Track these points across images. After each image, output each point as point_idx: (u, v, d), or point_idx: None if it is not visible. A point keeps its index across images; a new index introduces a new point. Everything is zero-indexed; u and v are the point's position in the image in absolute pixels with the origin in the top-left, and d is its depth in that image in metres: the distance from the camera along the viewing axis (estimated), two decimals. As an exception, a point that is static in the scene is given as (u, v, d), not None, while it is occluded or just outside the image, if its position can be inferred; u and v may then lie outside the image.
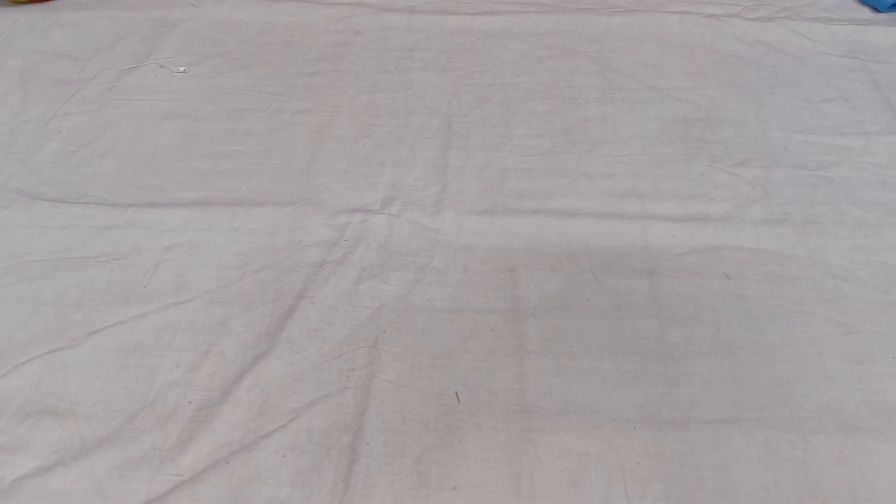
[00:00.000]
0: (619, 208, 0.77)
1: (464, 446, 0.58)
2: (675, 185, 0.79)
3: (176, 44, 1.02)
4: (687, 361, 0.64)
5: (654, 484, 0.56)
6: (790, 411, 0.60)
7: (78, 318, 0.68)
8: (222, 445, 0.59)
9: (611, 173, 0.81)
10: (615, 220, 0.75)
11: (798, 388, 0.62)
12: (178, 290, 0.70)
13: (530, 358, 0.64)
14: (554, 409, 0.61)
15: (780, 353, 0.64)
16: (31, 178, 0.82)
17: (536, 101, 0.91)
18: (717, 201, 0.77)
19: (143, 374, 0.64)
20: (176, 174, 0.82)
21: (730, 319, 0.67)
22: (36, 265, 0.72)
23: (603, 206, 0.77)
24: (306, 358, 0.64)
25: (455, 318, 0.67)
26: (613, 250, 0.73)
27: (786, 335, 0.65)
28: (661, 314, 0.67)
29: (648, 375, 0.63)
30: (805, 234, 0.73)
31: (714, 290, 0.69)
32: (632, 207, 0.77)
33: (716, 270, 0.71)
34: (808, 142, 0.84)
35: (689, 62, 0.95)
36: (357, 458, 0.58)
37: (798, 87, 0.91)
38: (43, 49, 1.01)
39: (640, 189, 0.79)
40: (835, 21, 1.00)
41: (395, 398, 0.62)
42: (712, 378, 0.63)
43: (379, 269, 0.72)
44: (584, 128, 0.86)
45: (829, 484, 0.56)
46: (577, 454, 0.58)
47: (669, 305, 0.68)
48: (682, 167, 0.81)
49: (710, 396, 0.61)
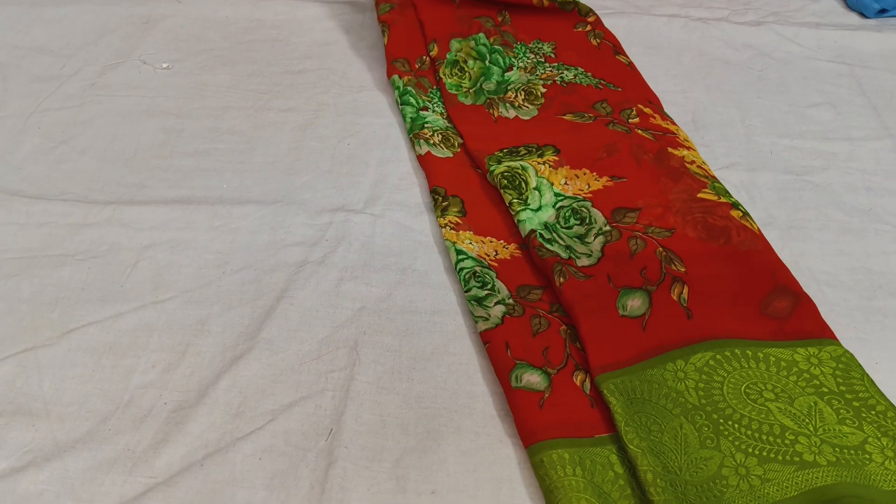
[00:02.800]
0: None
1: (443, 450, 0.58)
2: (661, 189, 0.78)
3: (159, 40, 1.01)
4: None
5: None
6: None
7: (53, 316, 0.67)
8: (197, 447, 0.58)
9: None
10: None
11: (780, 393, 0.61)
12: (156, 289, 0.69)
13: (512, 361, 0.64)
14: (535, 412, 0.60)
15: (762, 359, 0.64)
16: (10, 174, 0.81)
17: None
18: (702, 205, 0.76)
19: (118, 375, 0.63)
20: (157, 172, 0.81)
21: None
22: (12, 263, 0.71)
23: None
24: (285, 359, 0.64)
25: (437, 320, 0.67)
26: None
27: (769, 340, 0.65)
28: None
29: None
30: (789, 238, 0.73)
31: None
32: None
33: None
34: (794, 146, 0.83)
35: (676, 65, 0.95)
36: (334, 462, 0.57)
37: (785, 91, 0.91)
38: (24, 44, 1.00)
39: (626, 192, 0.78)
40: (822, 26, 1.00)
41: (374, 401, 0.61)
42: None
43: (361, 270, 0.71)
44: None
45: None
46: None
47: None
48: (668, 170, 0.80)
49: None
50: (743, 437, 0.55)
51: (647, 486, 0.54)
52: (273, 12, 1.06)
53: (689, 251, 0.68)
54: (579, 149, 0.79)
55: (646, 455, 0.55)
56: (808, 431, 0.56)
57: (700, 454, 0.55)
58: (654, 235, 0.70)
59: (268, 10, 1.06)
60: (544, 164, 0.78)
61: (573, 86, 0.88)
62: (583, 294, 0.66)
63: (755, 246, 0.68)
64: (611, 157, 0.78)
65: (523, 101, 0.87)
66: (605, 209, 0.73)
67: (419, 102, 0.89)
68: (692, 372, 0.60)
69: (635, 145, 0.79)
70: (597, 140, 0.80)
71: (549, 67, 0.92)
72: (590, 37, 0.96)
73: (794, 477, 0.53)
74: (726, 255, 0.68)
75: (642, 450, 0.55)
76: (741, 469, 0.54)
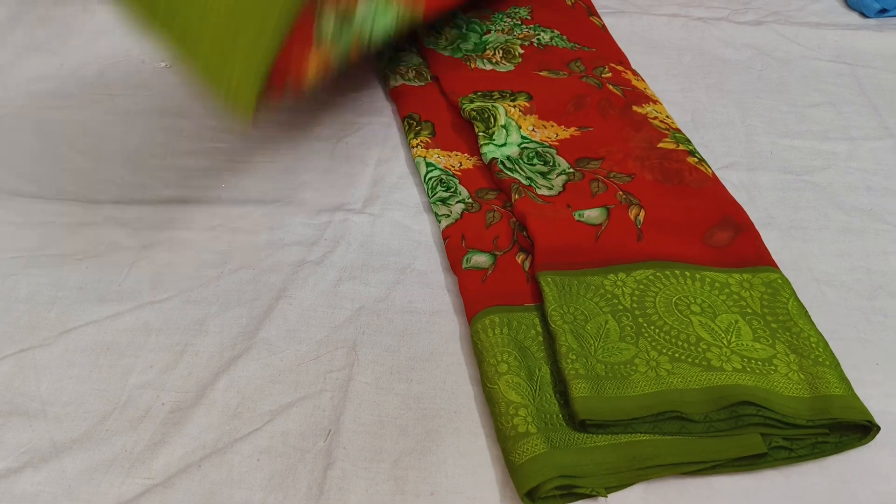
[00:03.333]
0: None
1: (442, 451, 0.57)
2: (661, 188, 0.78)
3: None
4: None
5: (634, 489, 0.55)
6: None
7: (51, 316, 0.67)
8: (195, 448, 0.57)
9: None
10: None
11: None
12: (154, 288, 0.69)
13: (511, 361, 0.63)
14: (534, 413, 0.60)
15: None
16: (8, 173, 0.81)
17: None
18: (702, 205, 0.76)
19: (115, 375, 0.62)
20: (156, 171, 0.81)
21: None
22: (9, 262, 0.71)
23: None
24: (283, 359, 0.63)
25: (436, 321, 0.66)
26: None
27: (769, 341, 0.65)
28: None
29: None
30: (789, 238, 0.73)
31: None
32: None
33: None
34: (794, 146, 0.83)
35: (675, 65, 0.95)
36: (332, 462, 0.56)
37: (785, 91, 0.91)
38: (23, 43, 0.99)
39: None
40: (823, 26, 0.99)
41: (372, 401, 0.61)
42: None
43: (359, 270, 0.71)
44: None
45: (810, 491, 0.55)
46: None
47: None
48: (668, 170, 0.80)
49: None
50: (661, 340, 0.60)
51: (561, 358, 0.58)
52: (272, 11, 1.05)
53: (646, 193, 0.73)
54: (550, 98, 0.84)
55: (566, 334, 0.60)
56: (722, 344, 0.60)
57: (617, 345, 0.60)
58: (615, 180, 0.74)
59: (267, 9, 1.05)
60: (515, 107, 0.82)
61: (549, 48, 0.93)
62: (538, 207, 0.72)
63: (705, 185, 0.74)
64: (578, 110, 0.83)
65: (501, 58, 0.91)
66: (569, 157, 0.77)
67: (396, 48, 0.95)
68: (631, 283, 0.65)
69: (603, 100, 0.83)
70: (567, 92, 0.85)
71: (525, 28, 0.96)
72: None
73: (699, 375, 0.58)
74: (679, 193, 0.73)
75: (563, 330, 0.60)
76: (652, 363, 0.59)
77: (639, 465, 0.54)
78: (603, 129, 0.80)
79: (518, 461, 0.54)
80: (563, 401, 0.57)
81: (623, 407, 0.55)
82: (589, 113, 0.82)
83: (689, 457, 0.55)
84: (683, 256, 0.67)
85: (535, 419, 0.56)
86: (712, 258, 0.67)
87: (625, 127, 0.80)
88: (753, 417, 0.55)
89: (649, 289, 0.64)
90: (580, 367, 0.57)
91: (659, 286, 0.64)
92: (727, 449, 0.55)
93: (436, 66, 0.91)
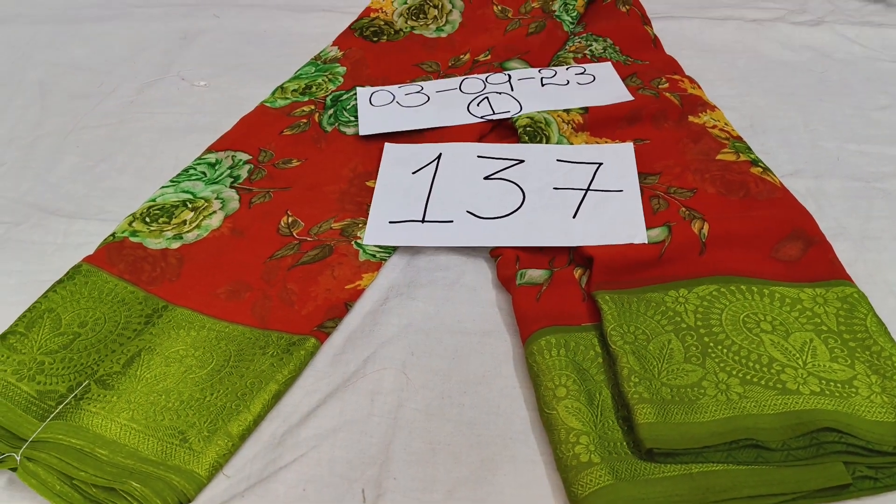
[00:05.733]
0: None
1: (498, 481, 0.54)
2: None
3: (197, 55, 1.00)
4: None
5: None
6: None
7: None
8: (240, 480, 0.55)
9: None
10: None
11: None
12: (195, 309, 0.67)
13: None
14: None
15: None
16: (48, 193, 0.80)
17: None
18: (766, 215, 0.72)
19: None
20: (195, 189, 0.79)
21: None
22: (47, 284, 0.69)
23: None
24: (329, 383, 0.61)
25: (487, 341, 0.63)
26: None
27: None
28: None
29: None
30: (863, 249, 0.69)
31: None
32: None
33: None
34: (862, 151, 0.79)
35: (731, 69, 0.91)
36: (383, 493, 0.53)
37: (848, 94, 0.87)
38: (63, 62, 0.99)
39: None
40: (886, 25, 0.95)
41: (423, 427, 0.57)
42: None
43: (406, 287, 0.68)
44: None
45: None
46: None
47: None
48: (728, 179, 0.76)
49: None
50: (729, 361, 0.57)
51: (623, 381, 0.55)
52: (312, 25, 1.04)
53: (710, 207, 0.70)
54: (605, 112, 0.82)
55: (627, 355, 0.56)
56: (797, 365, 0.56)
57: (682, 366, 0.56)
58: (676, 196, 0.71)
59: (306, 24, 1.05)
60: (568, 123, 0.80)
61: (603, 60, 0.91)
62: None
63: (774, 195, 0.70)
64: (632, 126, 0.81)
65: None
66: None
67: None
68: (694, 299, 0.62)
69: (658, 112, 0.81)
70: (623, 105, 0.82)
71: (577, 40, 0.95)
72: (618, 4, 0.99)
73: (774, 399, 0.54)
74: (745, 206, 0.70)
75: (624, 351, 0.57)
76: (721, 385, 0.55)
77: (714, 499, 0.50)
78: (659, 141, 0.78)
79: (581, 493, 0.50)
80: (627, 427, 0.54)
81: (693, 434, 0.52)
82: (644, 126, 0.81)
83: (768, 488, 0.51)
84: (750, 271, 0.64)
85: (597, 447, 0.52)
86: (782, 273, 0.64)
87: (682, 138, 0.78)
88: (835, 445, 0.52)
89: (714, 305, 0.61)
90: (644, 391, 0.54)
91: (724, 302, 0.61)
92: (808, 479, 0.51)
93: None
